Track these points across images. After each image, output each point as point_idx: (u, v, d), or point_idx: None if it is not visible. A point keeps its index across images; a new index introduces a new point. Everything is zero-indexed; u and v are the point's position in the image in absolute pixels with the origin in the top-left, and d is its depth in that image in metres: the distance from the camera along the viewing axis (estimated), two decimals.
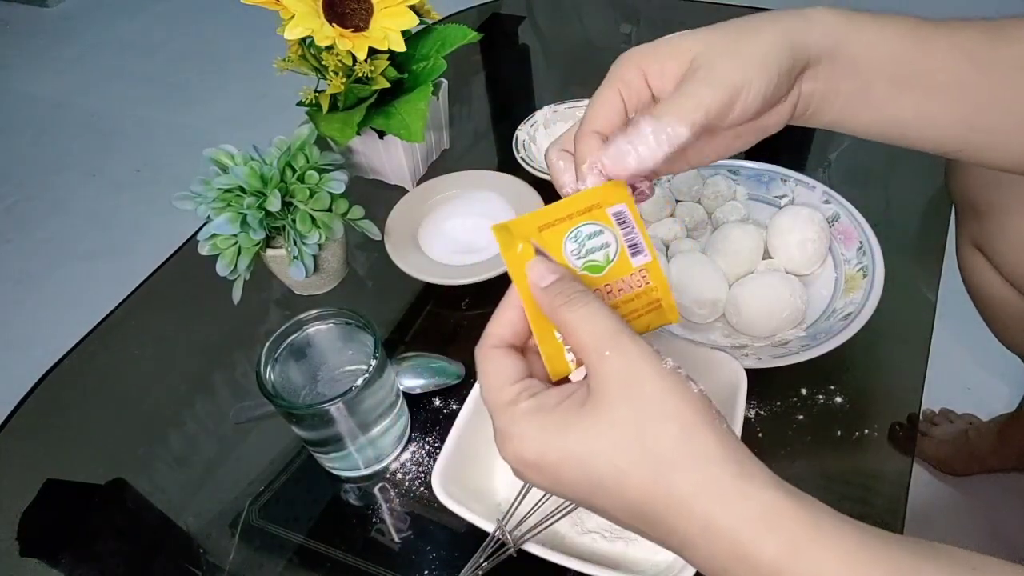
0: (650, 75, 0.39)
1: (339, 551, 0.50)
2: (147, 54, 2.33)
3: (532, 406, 0.30)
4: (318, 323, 0.50)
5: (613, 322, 0.29)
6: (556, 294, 0.30)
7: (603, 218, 0.33)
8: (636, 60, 0.39)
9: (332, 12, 0.62)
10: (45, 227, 1.78)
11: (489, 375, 0.32)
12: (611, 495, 0.28)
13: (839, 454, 0.51)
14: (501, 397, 0.31)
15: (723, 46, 0.39)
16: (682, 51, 0.39)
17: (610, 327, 0.29)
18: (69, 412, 0.62)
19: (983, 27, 0.37)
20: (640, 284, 0.34)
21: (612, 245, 0.33)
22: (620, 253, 0.33)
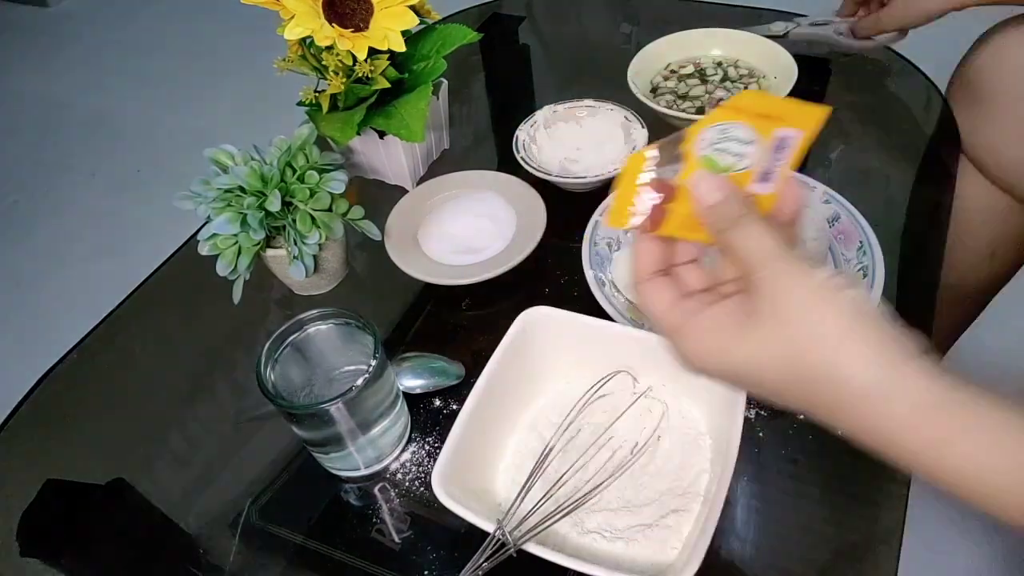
0: None
1: (339, 551, 0.50)
2: (147, 54, 2.33)
3: (701, 323, 0.33)
4: (318, 323, 0.50)
5: (767, 245, 0.31)
6: (720, 217, 0.32)
7: (767, 132, 0.32)
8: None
9: (332, 12, 0.62)
10: (45, 227, 1.78)
11: (648, 299, 0.35)
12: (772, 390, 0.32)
13: (839, 454, 0.51)
14: (667, 319, 0.34)
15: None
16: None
17: (764, 250, 0.31)
18: (69, 412, 0.62)
19: None
20: None
21: (747, 159, 0.32)
22: (748, 172, 0.33)
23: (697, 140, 0.32)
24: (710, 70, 0.81)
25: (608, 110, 0.75)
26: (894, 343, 0.29)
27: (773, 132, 0.32)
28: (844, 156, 0.74)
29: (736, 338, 0.32)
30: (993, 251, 0.76)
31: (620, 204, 0.33)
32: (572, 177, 0.69)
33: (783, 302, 0.30)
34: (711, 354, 0.33)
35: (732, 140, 0.32)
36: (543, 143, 0.75)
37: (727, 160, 0.32)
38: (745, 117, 0.32)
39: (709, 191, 0.32)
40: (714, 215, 0.32)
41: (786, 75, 0.75)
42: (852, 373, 0.29)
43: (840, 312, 0.30)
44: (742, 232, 0.32)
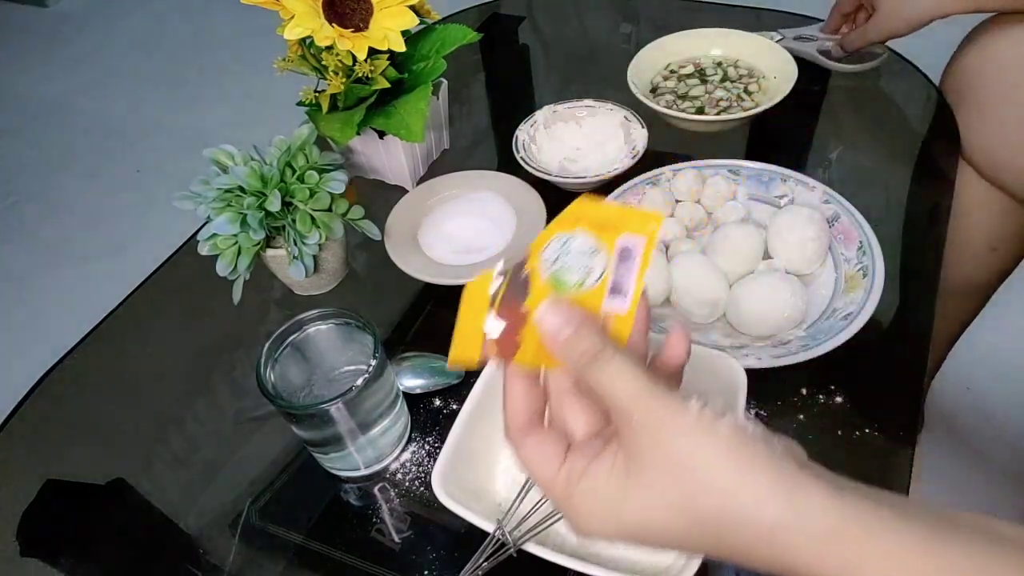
0: None
1: (339, 551, 0.50)
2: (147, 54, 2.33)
3: (585, 489, 0.30)
4: (318, 323, 0.50)
5: (634, 385, 0.28)
6: (576, 354, 0.29)
7: (610, 242, 0.29)
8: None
9: (332, 12, 0.62)
10: (45, 227, 1.78)
11: (532, 464, 0.31)
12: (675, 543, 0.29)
13: (839, 454, 0.51)
14: (554, 488, 0.31)
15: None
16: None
17: (631, 391, 0.28)
18: (69, 412, 0.62)
19: None
20: None
21: (595, 274, 0.30)
22: (599, 286, 0.30)
23: (540, 259, 0.29)
24: (710, 70, 0.81)
25: (608, 110, 0.75)
26: (783, 464, 0.27)
27: (616, 241, 0.29)
28: (844, 156, 0.74)
29: (623, 497, 0.29)
30: (994, 247, 0.76)
31: (465, 335, 0.30)
32: (572, 177, 0.69)
33: (662, 448, 0.28)
34: (603, 520, 0.30)
35: (576, 253, 0.29)
36: (543, 143, 0.75)
37: (575, 276, 0.29)
38: (584, 227, 0.29)
39: (558, 325, 0.29)
40: (569, 352, 0.29)
41: (786, 75, 0.75)
42: (753, 513, 0.26)
43: (724, 447, 0.27)
44: (604, 372, 0.29)
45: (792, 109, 0.73)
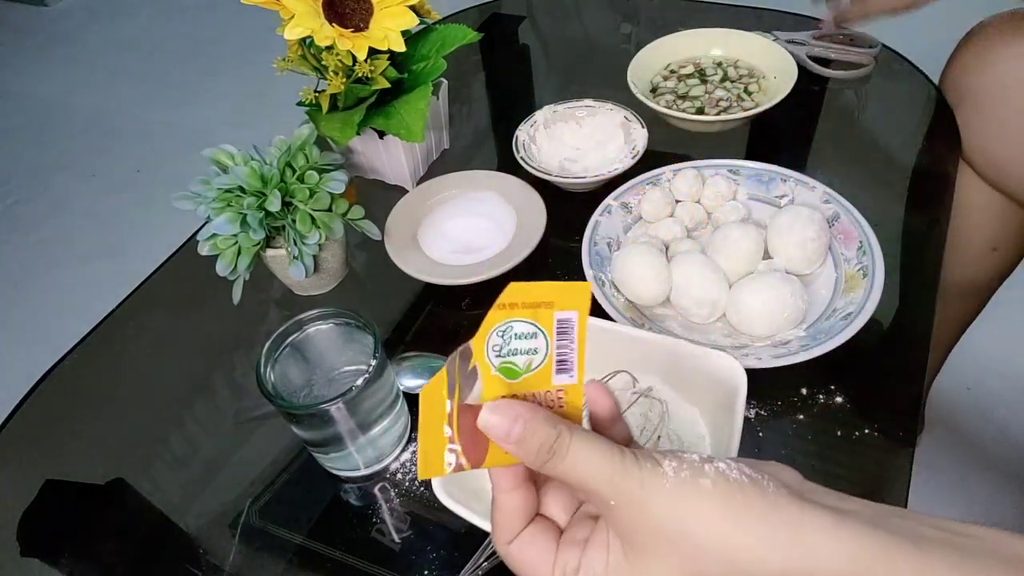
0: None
1: (339, 551, 0.50)
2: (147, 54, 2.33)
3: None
4: (318, 323, 0.50)
5: (600, 466, 0.27)
6: (533, 451, 0.27)
7: (546, 321, 0.29)
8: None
9: (332, 12, 0.62)
10: (45, 227, 1.78)
11: (522, 566, 0.30)
12: None
13: (839, 454, 0.51)
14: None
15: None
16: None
17: (600, 474, 0.27)
18: (69, 412, 0.62)
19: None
20: (551, 405, 0.30)
21: (540, 354, 0.30)
22: (545, 364, 0.30)
23: (485, 353, 0.29)
24: (710, 70, 0.81)
25: (608, 110, 0.75)
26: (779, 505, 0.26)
27: (552, 319, 0.30)
28: (844, 156, 0.74)
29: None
30: (994, 246, 0.77)
31: (428, 447, 0.29)
32: (572, 177, 0.69)
33: (650, 523, 0.26)
34: None
35: (517, 339, 0.29)
36: (543, 143, 0.75)
37: (522, 361, 0.29)
38: (519, 312, 0.29)
39: (505, 426, 0.28)
40: (525, 451, 0.28)
41: (786, 75, 0.75)
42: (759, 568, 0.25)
43: (712, 505, 0.26)
44: (565, 462, 0.27)
45: (792, 109, 0.73)
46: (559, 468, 0.27)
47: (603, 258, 0.62)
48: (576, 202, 0.68)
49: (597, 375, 0.51)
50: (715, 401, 0.47)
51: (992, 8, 0.71)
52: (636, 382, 0.51)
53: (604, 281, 0.59)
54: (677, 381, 0.50)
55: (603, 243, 0.63)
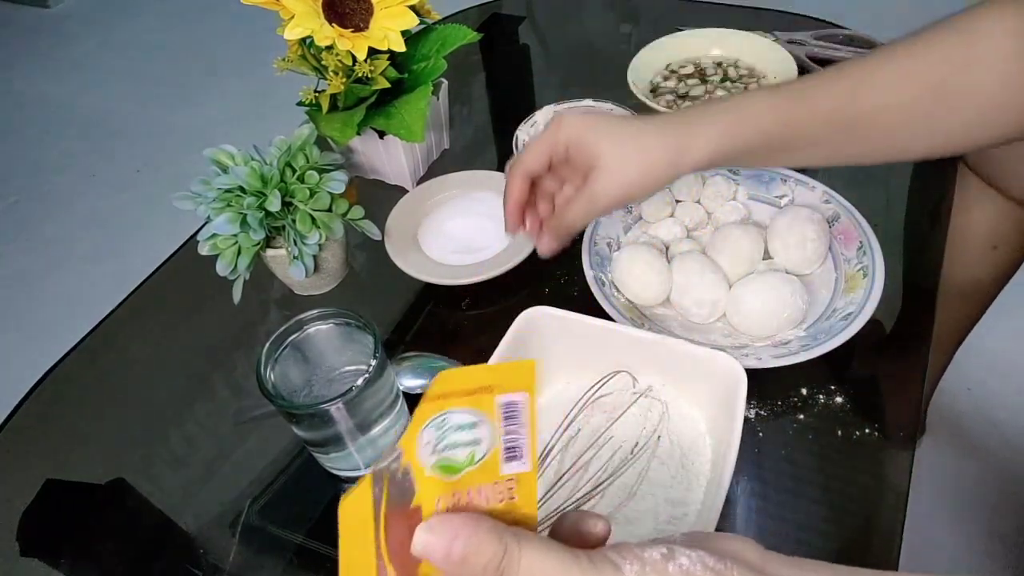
0: (572, 149, 0.50)
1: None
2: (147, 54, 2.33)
3: None
4: (318, 323, 0.50)
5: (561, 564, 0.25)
6: (481, 569, 0.24)
7: (488, 407, 0.26)
8: (568, 134, 0.50)
9: (332, 12, 0.62)
10: (45, 227, 1.78)
11: None
12: None
13: (839, 454, 0.51)
14: None
15: (619, 164, 0.49)
16: (594, 150, 0.49)
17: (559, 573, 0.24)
18: (69, 412, 0.62)
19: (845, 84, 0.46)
20: (501, 497, 0.27)
21: (484, 443, 0.26)
22: (491, 454, 0.26)
23: (417, 450, 0.25)
24: (710, 70, 0.81)
25: (608, 110, 0.75)
26: None
27: (494, 404, 0.26)
28: None
29: None
30: (994, 244, 0.76)
31: (352, 565, 0.25)
32: None
33: None
34: None
35: (456, 431, 0.26)
36: None
37: (463, 454, 0.26)
38: (455, 402, 0.26)
39: (444, 548, 0.24)
40: (472, 570, 0.24)
41: (786, 75, 0.75)
42: None
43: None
44: (519, 570, 0.24)
45: None
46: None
47: (603, 258, 0.62)
48: None
49: (597, 375, 0.51)
50: (715, 401, 0.47)
51: None
52: (636, 382, 0.51)
53: (604, 281, 0.59)
54: (677, 381, 0.50)
55: (603, 243, 0.63)
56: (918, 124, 0.46)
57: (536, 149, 0.52)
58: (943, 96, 0.45)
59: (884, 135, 0.47)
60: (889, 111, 0.46)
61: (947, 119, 0.46)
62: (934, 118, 0.46)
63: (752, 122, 0.48)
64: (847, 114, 0.46)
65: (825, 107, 0.46)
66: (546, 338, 0.51)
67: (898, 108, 0.46)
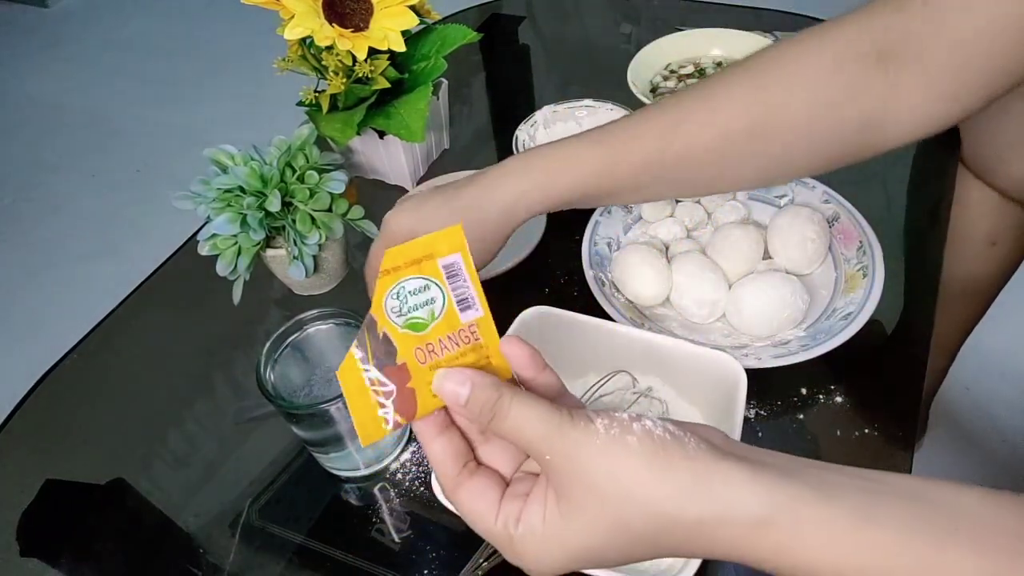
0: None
1: (339, 551, 0.50)
2: (147, 54, 2.33)
3: (524, 533, 0.30)
4: (318, 323, 0.50)
5: (537, 426, 0.29)
6: (478, 411, 0.30)
7: (432, 271, 0.32)
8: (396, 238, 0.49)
9: (332, 12, 0.62)
10: (45, 227, 1.78)
11: (470, 518, 0.32)
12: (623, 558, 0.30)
13: (839, 454, 0.51)
14: (497, 538, 0.31)
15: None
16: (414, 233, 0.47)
17: (536, 432, 0.29)
18: (69, 412, 0.62)
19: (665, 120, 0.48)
20: (468, 340, 0.32)
21: (439, 300, 0.32)
22: (447, 308, 0.32)
23: (386, 317, 0.31)
24: (710, 70, 0.81)
25: (608, 110, 0.75)
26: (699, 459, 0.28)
27: (437, 267, 0.32)
28: None
29: (562, 533, 0.29)
30: (993, 240, 0.76)
31: (362, 415, 0.31)
32: None
33: (581, 478, 0.29)
34: (552, 559, 0.30)
35: (413, 295, 0.32)
36: (543, 143, 0.75)
37: (424, 314, 0.32)
38: (405, 272, 0.32)
39: (454, 389, 0.30)
40: (470, 410, 0.30)
41: None
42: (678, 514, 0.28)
43: (636, 459, 0.28)
44: (507, 422, 0.30)
45: None
46: (502, 427, 0.30)
47: (603, 258, 0.62)
48: None
49: (597, 375, 0.51)
50: (715, 401, 0.47)
51: None
52: (636, 382, 0.51)
53: (604, 281, 0.59)
54: (677, 381, 0.50)
55: (603, 243, 0.63)
56: (727, 163, 0.48)
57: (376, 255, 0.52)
58: (750, 137, 0.46)
59: (696, 175, 0.48)
60: (697, 154, 0.47)
61: (755, 158, 0.48)
62: (743, 156, 0.47)
63: (571, 175, 0.49)
64: (660, 160, 0.47)
65: (638, 158, 0.47)
66: (546, 338, 0.51)
67: (705, 150, 0.47)
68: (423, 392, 0.32)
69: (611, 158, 0.48)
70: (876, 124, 0.45)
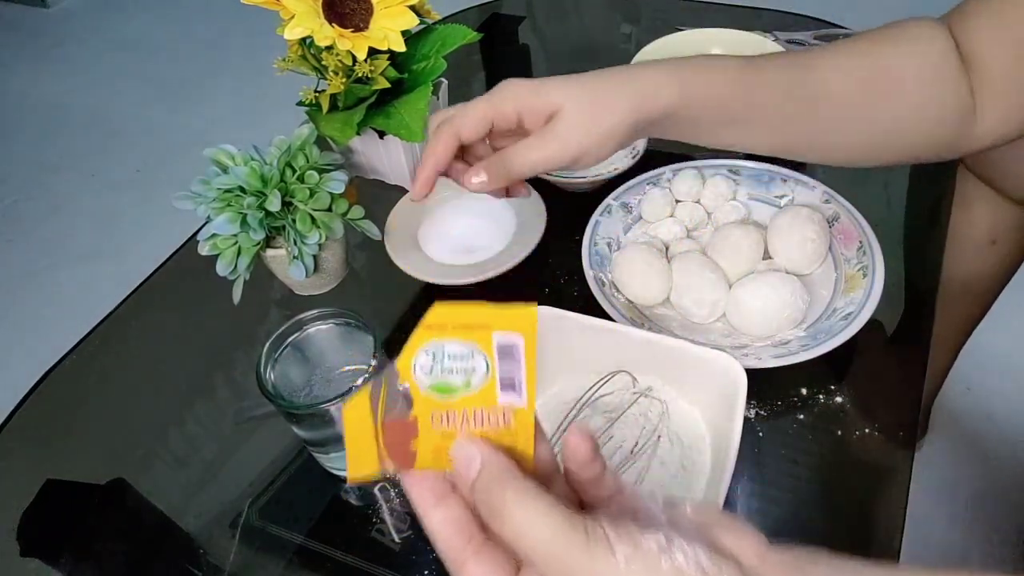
0: (524, 114, 0.47)
1: (339, 551, 0.50)
2: (147, 54, 2.33)
3: None
4: (318, 323, 0.50)
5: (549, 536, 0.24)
6: (484, 503, 0.26)
7: (484, 343, 0.27)
8: (516, 98, 0.47)
9: (332, 12, 0.62)
10: (45, 227, 1.78)
11: None
12: None
13: (839, 454, 0.51)
14: None
15: (580, 110, 0.46)
16: (551, 104, 0.46)
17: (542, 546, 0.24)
18: (69, 412, 0.62)
19: (798, 61, 0.49)
20: (497, 423, 0.28)
21: (480, 372, 0.27)
22: (487, 383, 0.27)
23: (414, 372, 0.27)
24: None
25: None
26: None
27: (491, 341, 0.27)
28: None
29: None
30: (993, 239, 0.76)
31: (357, 452, 0.28)
32: (572, 177, 0.69)
33: None
34: None
35: (451, 358, 0.27)
36: None
37: (459, 379, 0.27)
38: (452, 334, 0.27)
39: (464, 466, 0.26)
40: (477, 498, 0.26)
41: None
42: None
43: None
44: (507, 519, 0.25)
45: None
46: (501, 528, 0.25)
47: (603, 258, 0.62)
48: (576, 202, 0.68)
49: (597, 375, 0.51)
50: (715, 401, 0.47)
51: None
52: (636, 382, 0.51)
53: (604, 281, 0.59)
54: (677, 381, 0.50)
55: (603, 243, 0.63)
56: (857, 111, 0.49)
57: (475, 115, 0.46)
58: (872, 97, 0.48)
59: (829, 115, 0.49)
60: (833, 94, 0.48)
61: (870, 123, 0.50)
62: (860, 119, 0.49)
63: (712, 77, 0.47)
64: (797, 89, 0.48)
65: (779, 79, 0.48)
66: (545, 338, 0.50)
67: (840, 94, 0.48)
68: (424, 454, 0.28)
69: (750, 74, 0.47)
70: (967, 119, 0.48)
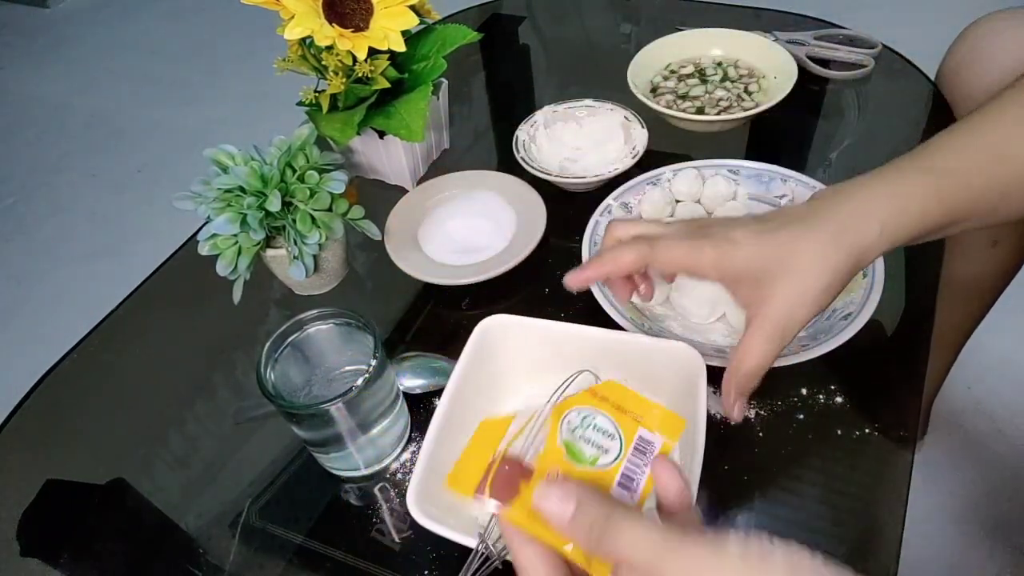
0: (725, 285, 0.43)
1: (339, 551, 0.50)
2: (147, 54, 2.33)
3: None
4: (318, 323, 0.50)
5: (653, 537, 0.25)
6: (586, 526, 0.26)
7: (628, 431, 0.29)
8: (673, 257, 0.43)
9: (332, 12, 0.62)
10: (45, 227, 1.78)
11: None
12: None
13: (839, 454, 0.51)
14: None
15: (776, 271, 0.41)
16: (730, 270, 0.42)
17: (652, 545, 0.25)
18: (69, 412, 0.62)
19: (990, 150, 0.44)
20: None
21: (610, 456, 0.29)
22: (611, 469, 0.29)
23: (561, 423, 0.29)
24: (710, 70, 0.81)
25: (608, 110, 0.75)
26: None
27: (636, 431, 0.29)
28: (844, 156, 0.74)
29: None
30: (994, 240, 0.76)
31: (469, 465, 0.29)
32: (572, 177, 0.69)
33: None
34: None
35: (594, 430, 0.29)
36: (543, 143, 0.75)
37: (590, 451, 0.29)
38: (609, 408, 0.29)
39: (559, 503, 0.27)
40: (577, 528, 0.26)
41: (786, 75, 0.75)
42: None
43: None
44: (619, 534, 0.25)
45: (792, 109, 0.73)
46: (609, 542, 0.26)
47: None
48: (576, 202, 0.68)
49: (559, 377, 0.50)
50: (678, 391, 0.47)
51: (992, 7, 0.71)
52: (598, 380, 0.51)
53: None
54: (638, 375, 0.49)
55: None
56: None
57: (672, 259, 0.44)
58: None
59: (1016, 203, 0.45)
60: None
61: None
62: None
63: (914, 207, 0.44)
64: (999, 182, 0.45)
65: (978, 182, 0.44)
66: (508, 345, 0.50)
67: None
68: (526, 499, 0.28)
69: (950, 187, 0.44)
70: None
